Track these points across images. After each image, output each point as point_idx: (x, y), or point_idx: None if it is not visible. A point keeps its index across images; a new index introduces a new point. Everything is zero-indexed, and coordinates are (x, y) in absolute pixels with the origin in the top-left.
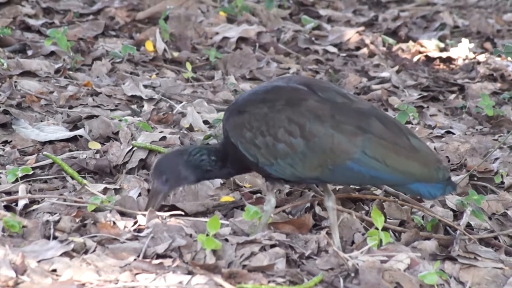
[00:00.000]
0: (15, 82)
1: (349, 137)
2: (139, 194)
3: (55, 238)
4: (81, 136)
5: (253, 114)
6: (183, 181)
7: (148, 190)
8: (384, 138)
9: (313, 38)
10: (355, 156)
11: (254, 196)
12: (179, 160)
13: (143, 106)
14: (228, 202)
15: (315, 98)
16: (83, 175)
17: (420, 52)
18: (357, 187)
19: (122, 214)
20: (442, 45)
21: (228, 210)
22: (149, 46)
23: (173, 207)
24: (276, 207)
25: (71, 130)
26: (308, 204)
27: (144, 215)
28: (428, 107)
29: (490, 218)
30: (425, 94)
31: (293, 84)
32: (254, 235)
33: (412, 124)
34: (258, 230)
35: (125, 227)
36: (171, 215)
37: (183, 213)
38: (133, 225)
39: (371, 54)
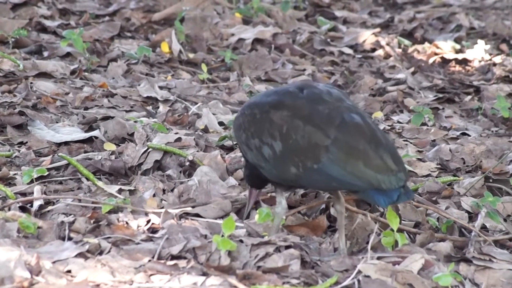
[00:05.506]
0: (31, 83)
1: (318, 141)
2: (154, 195)
3: (70, 239)
4: (96, 137)
5: (247, 115)
6: None
7: (163, 190)
8: (347, 142)
9: (328, 40)
10: (322, 160)
11: (269, 195)
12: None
13: (158, 107)
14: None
15: (299, 101)
16: (98, 176)
17: (435, 54)
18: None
19: (136, 213)
20: (458, 46)
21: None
22: (164, 47)
23: (191, 215)
24: (291, 208)
25: (86, 131)
26: (323, 206)
27: (157, 214)
28: (443, 108)
29: (505, 220)
30: (441, 95)
31: (290, 88)
32: (268, 236)
33: (428, 125)
34: (271, 233)
35: (138, 226)
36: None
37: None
38: (146, 224)
39: (387, 56)
